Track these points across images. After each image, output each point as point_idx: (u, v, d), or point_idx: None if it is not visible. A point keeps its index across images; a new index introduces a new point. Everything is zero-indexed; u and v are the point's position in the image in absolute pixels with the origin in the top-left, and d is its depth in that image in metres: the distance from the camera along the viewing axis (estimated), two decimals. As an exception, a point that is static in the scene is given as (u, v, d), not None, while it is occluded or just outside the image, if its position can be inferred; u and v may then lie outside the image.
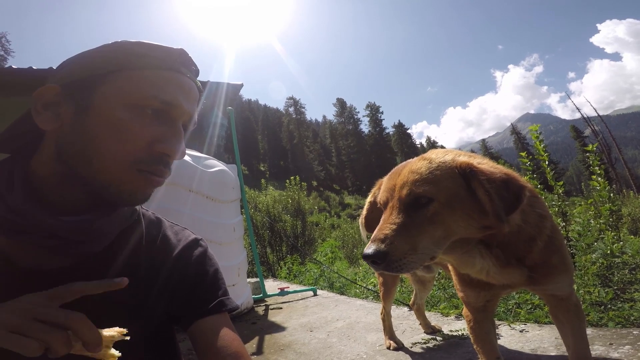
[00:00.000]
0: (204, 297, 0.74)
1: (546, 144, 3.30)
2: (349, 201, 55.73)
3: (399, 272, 0.89)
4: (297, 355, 2.15)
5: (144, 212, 0.80)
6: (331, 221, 19.37)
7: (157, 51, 0.67)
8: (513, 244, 1.01)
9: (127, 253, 0.71)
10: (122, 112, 0.62)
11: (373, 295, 3.83)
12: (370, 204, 1.22)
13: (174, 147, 0.65)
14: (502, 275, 1.03)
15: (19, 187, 0.59)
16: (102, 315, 0.64)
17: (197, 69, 0.75)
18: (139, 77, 0.64)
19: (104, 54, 0.65)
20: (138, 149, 0.62)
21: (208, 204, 3.07)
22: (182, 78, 0.69)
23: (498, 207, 0.86)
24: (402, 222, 0.89)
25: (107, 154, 0.61)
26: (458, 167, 0.93)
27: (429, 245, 0.89)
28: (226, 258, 3.08)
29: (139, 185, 0.64)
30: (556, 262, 1.09)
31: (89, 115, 0.62)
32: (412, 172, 0.95)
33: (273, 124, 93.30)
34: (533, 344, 1.86)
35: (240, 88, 6.39)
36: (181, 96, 0.67)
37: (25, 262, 0.62)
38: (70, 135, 0.62)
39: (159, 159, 0.64)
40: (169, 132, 0.66)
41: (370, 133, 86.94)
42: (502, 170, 0.94)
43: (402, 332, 2.37)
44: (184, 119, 0.69)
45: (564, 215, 3.21)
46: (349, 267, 6.57)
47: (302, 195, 9.41)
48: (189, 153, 3.19)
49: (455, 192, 0.91)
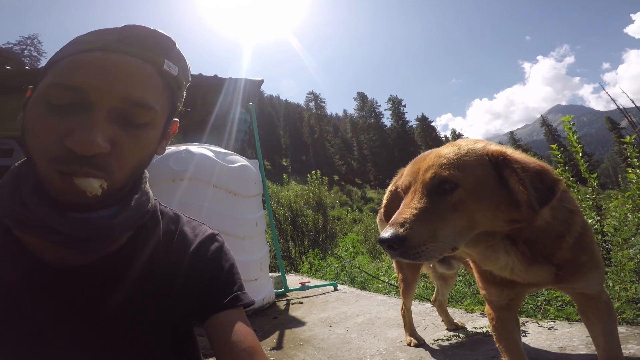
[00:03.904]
0: (220, 292, 0.74)
1: (580, 135, 3.12)
2: (371, 195, 55.31)
3: (416, 260, 0.83)
4: (316, 350, 2.16)
5: (162, 209, 0.79)
6: (353, 215, 19.31)
7: (94, 35, 0.60)
8: (540, 240, 0.95)
9: (147, 251, 0.70)
10: (37, 106, 0.57)
11: (395, 290, 3.79)
12: (391, 193, 1.16)
13: (80, 138, 0.53)
14: (528, 273, 0.98)
15: (30, 181, 0.59)
16: (126, 317, 0.66)
17: (157, 44, 0.63)
18: (56, 67, 0.59)
19: (62, 47, 0.62)
20: (50, 147, 0.55)
21: (230, 198, 3.12)
22: (107, 56, 0.58)
23: (532, 197, 0.80)
24: (424, 207, 0.84)
25: (31, 154, 0.57)
26: (489, 155, 0.88)
27: (450, 234, 0.84)
28: (248, 253, 3.13)
29: (61, 188, 0.56)
30: (585, 259, 1.03)
31: (25, 116, 0.60)
32: (439, 156, 0.90)
33: (294, 119, 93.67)
34: (562, 342, 1.78)
35: (260, 84, 6.45)
36: (97, 76, 0.56)
37: (49, 258, 0.62)
38: (22, 135, 0.60)
39: (72, 156, 0.54)
40: (77, 122, 0.55)
41: (392, 126, 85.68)
42: (536, 162, 0.89)
43: (424, 328, 2.33)
44: (111, 102, 0.56)
45: (599, 209, 3.04)
46: (371, 262, 6.53)
47: (324, 189, 9.42)
48: (211, 149, 3.25)
49: (483, 181, 0.86)
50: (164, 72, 0.63)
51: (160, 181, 2.84)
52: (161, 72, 0.63)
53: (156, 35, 0.62)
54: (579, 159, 3.06)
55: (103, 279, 0.65)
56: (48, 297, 0.61)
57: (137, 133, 0.60)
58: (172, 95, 0.67)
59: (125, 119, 0.59)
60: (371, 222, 12.01)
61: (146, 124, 0.61)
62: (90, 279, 0.64)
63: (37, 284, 0.61)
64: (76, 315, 0.63)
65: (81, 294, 0.63)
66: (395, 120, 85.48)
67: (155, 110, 0.62)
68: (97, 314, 0.64)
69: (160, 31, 0.62)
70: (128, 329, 0.66)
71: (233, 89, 5.82)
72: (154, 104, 0.61)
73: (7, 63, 7.97)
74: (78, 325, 0.63)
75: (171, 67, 0.64)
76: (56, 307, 0.61)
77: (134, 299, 0.67)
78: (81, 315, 0.63)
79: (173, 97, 0.68)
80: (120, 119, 0.58)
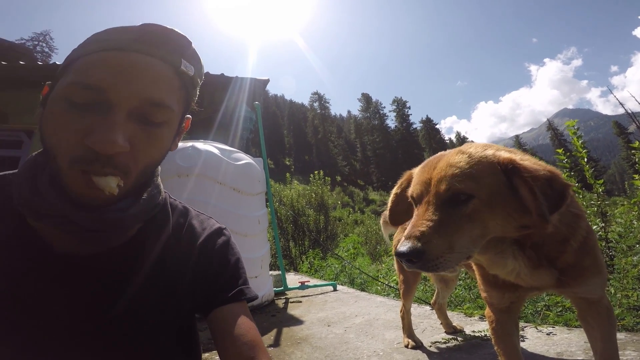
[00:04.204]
0: (225, 285, 0.74)
1: (585, 140, 3.09)
2: (373, 197, 55.23)
3: (434, 272, 0.85)
4: (313, 349, 2.16)
5: (172, 202, 0.80)
6: (354, 217, 19.29)
7: (113, 33, 0.61)
8: (546, 244, 0.95)
9: (158, 244, 0.71)
10: (57, 104, 0.57)
11: (394, 292, 3.78)
12: (397, 196, 1.14)
13: (102, 138, 0.54)
14: (532, 277, 0.98)
15: (47, 172, 0.60)
16: (137, 309, 0.66)
17: (174, 43, 0.63)
18: (76, 65, 0.59)
19: (78, 46, 0.62)
20: (73, 146, 0.55)
21: (234, 196, 3.13)
22: (127, 55, 0.58)
23: (542, 206, 0.80)
24: (439, 219, 0.84)
25: (53, 153, 0.57)
26: (500, 163, 0.88)
27: (466, 244, 0.85)
28: (250, 250, 3.14)
29: (80, 186, 0.56)
30: (589, 264, 1.02)
31: (44, 112, 0.60)
32: (450, 165, 0.89)
33: (298, 119, 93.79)
34: (559, 347, 1.77)
35: (266, 83, 6.47)
36: (118, 76, 0.57)
37: (61, 247, 0.63)
38: (41, 132, 0.61)
39: (93, 156, 0.55)
40: (98, 122, 0.56)
41: (396, 128, 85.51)
42: (546, 168, 0.89)
43: (422, 331, 2.32)
44: (131, 102, 0.57)
45: (604, 216, 3.02)
46: (371, 264, 6.53)
47: (326, 189, 9.43)
48: (217, 146, 3.27)
49: (496, 189, 0.86)
50: (181, 72, 0.64)
51: (166, 177, 2.85)
52: (179, 72, 0.64)
53: (173, 34, 0.63)
54: (584, 165, 3.03)
55: (113, 268, 0.66)
56: (59, 287, 0.62)
57: (154, 132, 0.61)
58: (187, 94, 0.68)
59: (143, 118, 0.60)
60: (372, 224, 11.99)
61: (163, 123, 0.62)
62: (100, 269, 0.65)
63: (48, 273, 0.61)
64: (86, 306, 0.63)
65: (91, 284, 0.64)
66: (399, 122, 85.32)
67: (172, 110, 0.63)
68: (107, 306, 0.64)
69: (177, 30, 0.63)
70: (138, 321, 0.66)
71: (239, 87, 5.84)
72: (172, 104, 0.63)
73: (20, 58, 8.06)
74: (88, 316, 0.63)
75: (188, 67, 0.65)
76: (66, 296, 0.62)
77: (145, 291, 0.67)
78: (91, 305, 0.63)
79: (188, 95, 0.69)
80: (139, 118, 0.59)
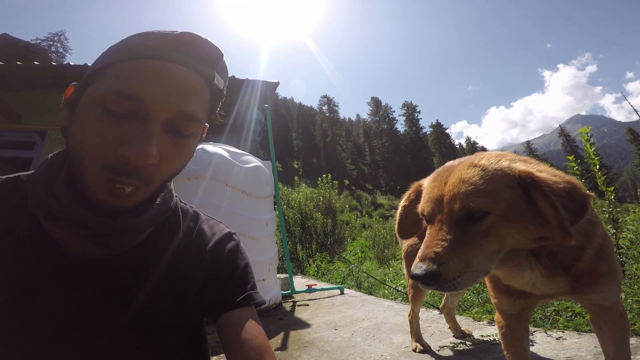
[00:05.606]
0: (234, 290, 0.74)
1: (598, 147, 3.07)
2: (381, 201, 54.93)
3: (452, 291, 0.83)
4: (320, 352, 2.17)
5: (182, 207, 0.81)
6: (362, 220, 19.20)
7: (150, 39, 0.60)
8: (561, 252, 0.94)
9: (169, 248, 0.72)
10: (91, 111, 0.57)
11: (402, 296, 3.77)
12: (405, 209, 1.12)
13: (137, 149, 0.54)
14: (548, 286, 0.97)
15: (63, 175, 0.60)
16: (149, 313, 0.67)
17: (209, 56, 0.63)
18: (113, 71, 0.58)
19: (110, 48, 0.62)
20: (105, 153, 0.55)
21: (243, 198, 3.16)
22: (165, 66, 0.58)
23: (564, 220, 0.78)
24: (454, 238, 0.82)
25: (81, 157, 0.57)
26: (517, 176, 0.85)
27: (483, 260, 0.83)
28: (258, 253, 3.16)
29: (103, 193, 0.57)
30: (604, 271, 1.01)
31: (74, 115, 0.60)
32: (463, 181, 0.86)
33: (307, 122, 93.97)
34: (569, 352, 1.76)
35: (276, 86, 6.53)
36: (156, 87, 0.56)
37: (73, 250, 0.64)
38: (68, 134, 0.61)
39: (123, 166, 0.55)
40: (134, 132, 0.56)
41: (406, 132, 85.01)
42: (564, 178, 0.86)
43: (430, 335, 2.32)
44: (166, 114, 0.58)
45: (615, 222, 2.99)
46: (379, 268, 6.50)
47: (334, 193, 9.44)
48: (226, 149, 3.31)
49: (512, 204, 0.83)
50: (213, 86, 0.65)
51: (176, 179, 2.88)
52: (210, 85, 0.65)
53: (209, 46, 0.63)
54: (596, 171, 3.00)
55: (124, 272, 0.67)
56: (71, 289, 0.63)
57: (182, 143, 0.62)
58: (213, 105, 0.69)
59: (174, 130, 0.61)
60: (380, 228, 11.94)
61: (191, 135, 0.64)
62: (112, 272, 0.66)
63: (60, 276, 0.62)
64: (97, 309, 0.63)
65: (103, 287, 0.64)
66: (408, 127, 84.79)
67: (202, 122, 0.64)
68: (118, 309, 0.65)
69: (211, 41, 0.63)
70: (149, 325, 0.67)
71: (250, 90, 5.90)
72: (202, 117, 0.64)
73: (35, 58, 8.22)
74: (99, 319, 0.63)
75: (219, 81, 0.66)
76: (78, 299, 0.63)
77: (156, 295, 0.68)
78: (102, 308, 0.64)
79: (213, 107, 0.70)
80: (170, 130, 0.60)
